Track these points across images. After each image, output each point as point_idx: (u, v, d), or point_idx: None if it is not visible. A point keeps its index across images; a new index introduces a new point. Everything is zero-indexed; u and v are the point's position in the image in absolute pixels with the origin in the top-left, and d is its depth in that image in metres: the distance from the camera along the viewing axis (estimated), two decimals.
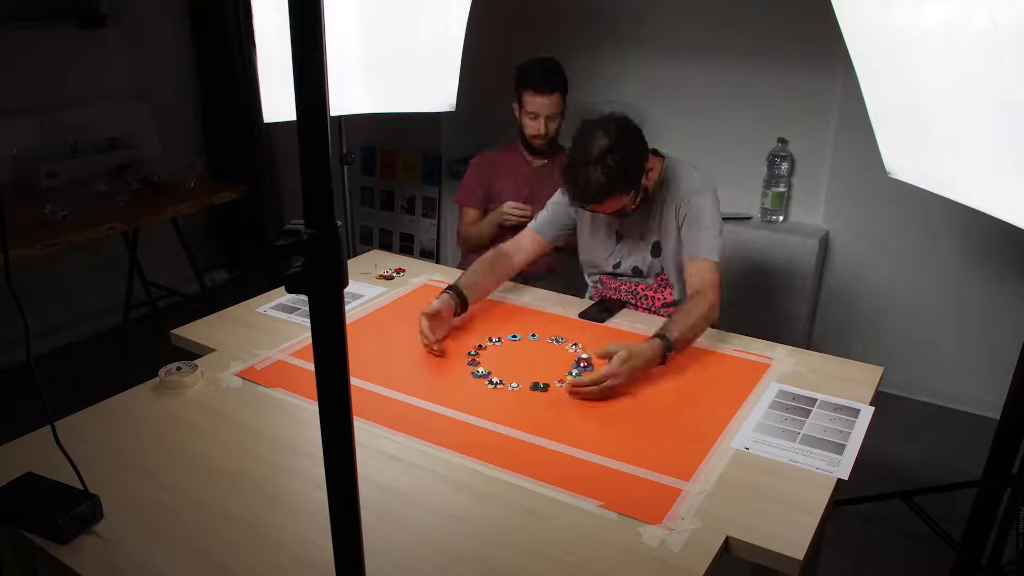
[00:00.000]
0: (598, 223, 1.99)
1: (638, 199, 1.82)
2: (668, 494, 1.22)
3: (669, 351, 1.59)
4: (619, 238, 1.96)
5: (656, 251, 1.93)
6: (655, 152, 1.90)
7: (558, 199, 2.02)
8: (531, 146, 2.48)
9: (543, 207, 2.05)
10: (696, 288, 1.77)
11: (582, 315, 1.90)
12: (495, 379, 1.59)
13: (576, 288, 2.25)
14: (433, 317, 1.70)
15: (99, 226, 2.63)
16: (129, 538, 1.13)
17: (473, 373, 1.61)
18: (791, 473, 1.27)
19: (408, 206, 3.89)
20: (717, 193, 1.88)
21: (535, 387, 1.56)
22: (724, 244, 1.85)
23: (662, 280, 1.97)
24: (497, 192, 2.52)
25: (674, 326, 1.63)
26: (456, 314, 1.79)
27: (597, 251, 2.02)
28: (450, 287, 1.81)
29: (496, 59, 3.16)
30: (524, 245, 2.01)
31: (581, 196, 1.74)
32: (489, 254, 1.96)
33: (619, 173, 1.71)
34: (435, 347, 1.68)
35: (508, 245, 2.00)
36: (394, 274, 2.17)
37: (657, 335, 1.60)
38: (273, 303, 1.96)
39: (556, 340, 1.77)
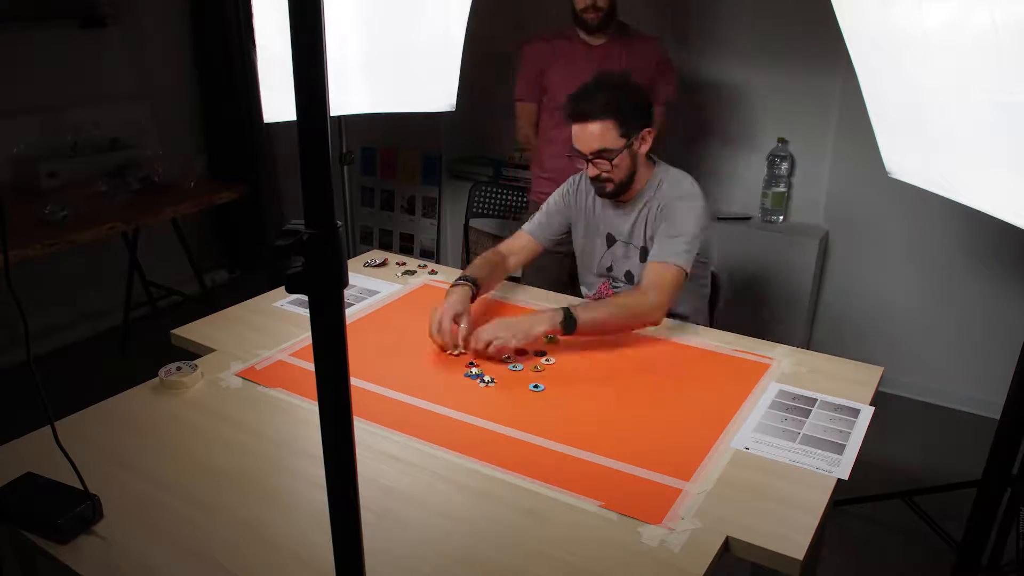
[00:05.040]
0: (591, 227, 1.99)
1: (625, 163, 1.79)
2: (668, 494, 1.22)
3: (569, 323, 1.63)
4: (611, 241, 1.96)
5: (644, 256, 1.91)
6: (648, 157, 1.90)
7: (554, 203, 2.03)
8: (585, 23, 2.33)
9: None
10: (641, 285, 1.75)
11: None
12: (487, 378, 1.59)
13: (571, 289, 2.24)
14: (457, 317, 1.69)
15: (99, 226, 2.63)
16: (129, 538, 1.13)
17: (466, 373, 1.61)
18: (791, 473, 1.27)
19: (408, 206, 3.89)
20: (705, 206, 1.82)
21: (535, 388, 1.56)
22: (692, 256, 1.77)
23: None
24: (551, 80, 2.38)
25: (586, 306, 1.70)
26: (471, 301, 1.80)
27: (591, 254, 2.02)
28: (463, 277, 1.81)
29: (496, 59, 3.17)
30: (518, 247, 2.02)
31: (577, 106, 1.77)
32: (488, 254, 1.97)
33: (622, 104, 1.76)
34: (453, 351, 1.68)
35: (504, 247, 2.01)
36: (416, 269, 2.21)
37: (564, 308, 1.66)
38: (290, 298, 1.96)
39: (551, 339, 1.76)
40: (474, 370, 1.62)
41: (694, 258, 1.79)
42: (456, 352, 1.68)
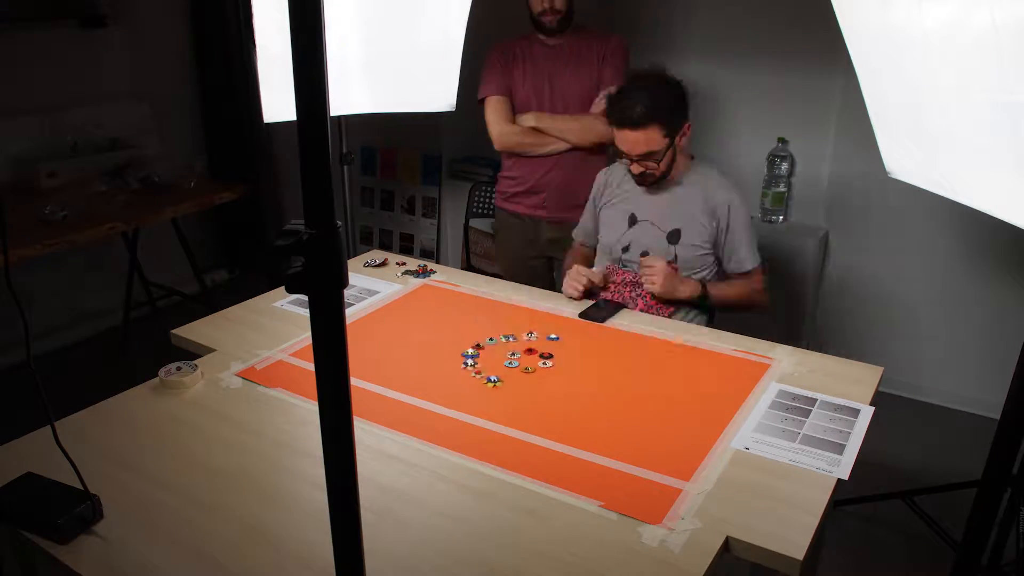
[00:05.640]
0: (615, 207, 2.06)
1: (667, 157, 1.89)
2: (668, 494, 1.22)
3: (705, 295, 1.91)
4: (633, 222, 1.99)
5: (674, 238, 1.97)
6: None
7: (590, 206, 2.15)
8: (542, 26, 2.37)
9: (559, 88, 2.18)
10: (751, 282, 1.99)
11: (582, 315, 1.90)
12: (492, 377, 1.59)
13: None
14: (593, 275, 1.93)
15: (99, 226, 2.63)
16: (129, 538, 1.13)
17: (472, 374, 1.61)
18: (791, 473, 1.27)
19: (408, 206, 3.89)
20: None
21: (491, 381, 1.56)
22: (756, 249, 2.00)
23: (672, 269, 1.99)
24: (515, 79, 2.44)
25: (714, 284, 1.95)
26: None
27: (610, 234, 2.07)
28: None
29: None
30: (581, 257, 2.18)
31: (624, 112, 1.83)
32: (573, 262, 2.13)
33: (666, 105, 1.84)
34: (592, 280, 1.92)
35: (573, 259, 2.18)
36: (416, 269, 2.20)
37: (701, 282, 1.93)
38: (290, 298, 1.96)
39: (552, 338, 1.77)
40: (474, 371, 1.62)
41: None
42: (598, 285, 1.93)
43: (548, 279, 2.56)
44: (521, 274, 2.27)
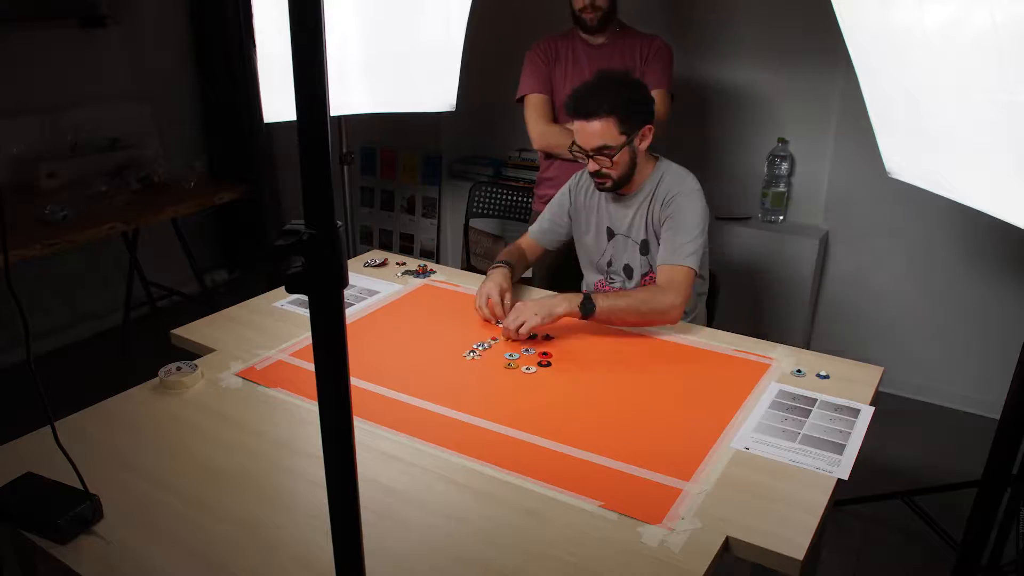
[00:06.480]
0: (592, 222, 2.01)
1: (624, 157, 1.81)
2: (668, 494, 1.22)
3: (588, 307, 1.72)
4: (610, 235, 1.98)
5: (644, 249, 1.93)
6: (651, 153, 1.91)
7: (557, 203, 2.06)
8: (584, 23, 2.36)
9: None
10: (658, 283, 1.80)
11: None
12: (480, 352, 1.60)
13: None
14: (503, 292, 1.84)
15: (99, 226, 2.63)
16: (129, 538, 1.13)
17: (507, 354, 1.65)
18: (791, 473, 1.27)
19: (408, 206, 3.89)
20: (704, 200, 1.86)
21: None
22: (703, 252, 1.84)
23: (650, 279, 1.96)
24: (554, 80, 2.42)
25: (605, 295, 1.77)
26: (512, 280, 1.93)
27: (591, 249, 2.04)
28: (498, 262, 1.95)
29: (496, 59, 3.16)
30: (526, 248, 2.09)
31: (580, 103, 1.79)
32: (512, 247, 2.06)
33: (623, 101, 1.78)
34: (499, 316, 1.80)
35: (520, 243, 2.09)
36: (419, 269, 2.20)
37: (584, 292, 1.77)
38: (290, 298, 1.97)
39: (548, 337, 1.77)
40: (475, 353, 1.62)
41: (700, 257, 1.82)
42: (501, 324, 1.78)
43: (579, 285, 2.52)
44: (555, 280, 2.24)
